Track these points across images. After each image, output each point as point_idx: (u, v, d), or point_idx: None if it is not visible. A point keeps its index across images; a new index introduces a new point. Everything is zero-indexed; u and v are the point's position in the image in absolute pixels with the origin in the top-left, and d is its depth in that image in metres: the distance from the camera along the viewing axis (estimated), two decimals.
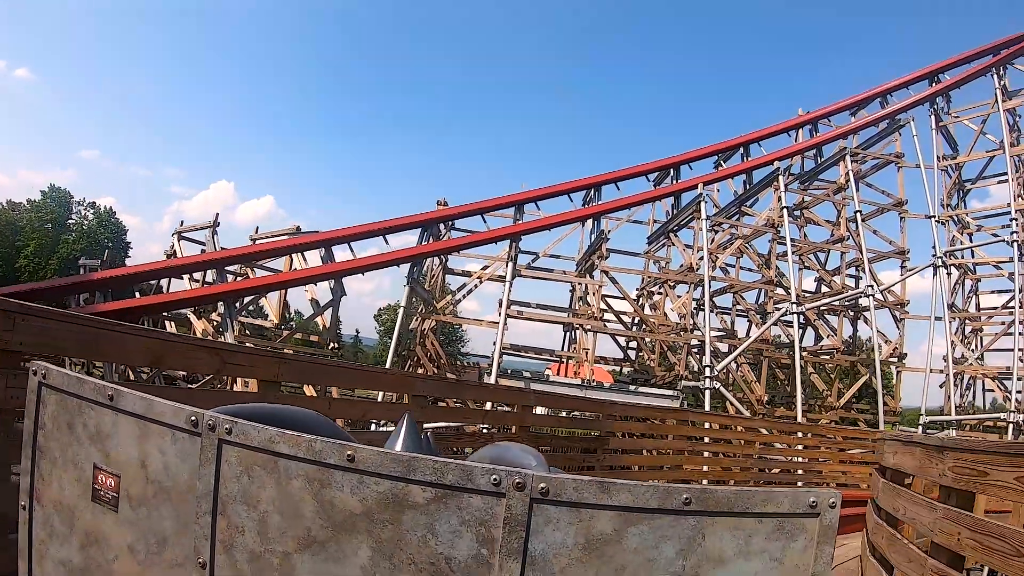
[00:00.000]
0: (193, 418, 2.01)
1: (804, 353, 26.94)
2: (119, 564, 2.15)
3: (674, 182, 28.36)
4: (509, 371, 29.53)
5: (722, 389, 25.80)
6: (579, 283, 28.15)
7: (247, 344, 22.61)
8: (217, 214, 29.71)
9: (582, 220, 27.72)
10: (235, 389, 14.26)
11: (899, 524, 4.39)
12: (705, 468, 13.46)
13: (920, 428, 26.01)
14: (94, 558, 2.20)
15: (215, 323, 25.53)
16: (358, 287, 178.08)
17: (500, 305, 26.96)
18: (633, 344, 30.18)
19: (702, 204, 25.81)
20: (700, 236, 26.14)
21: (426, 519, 1.81)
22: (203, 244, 30.28)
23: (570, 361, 29.09)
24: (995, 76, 29.34)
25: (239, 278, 27.02)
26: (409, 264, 27.58)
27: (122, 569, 2.15)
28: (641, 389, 28.45)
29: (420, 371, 29.09)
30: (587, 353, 27.45)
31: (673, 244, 27.75)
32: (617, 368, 32.53)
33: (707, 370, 25.50)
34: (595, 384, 28.64)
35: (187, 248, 29.13)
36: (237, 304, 25.46)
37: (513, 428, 8.69)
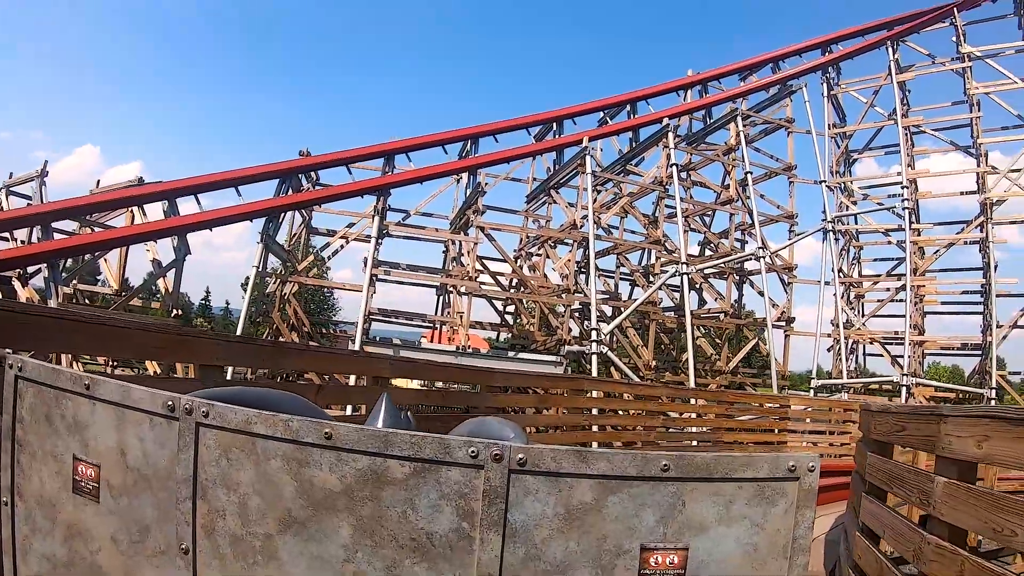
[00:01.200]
0: (170, 403, 2.02)
1: (694, 317, 25.77)
2: (103, 555, 2.16)
3: (557, 137, 26.85)
4: (377, 339, 27.31)
5: (610, 354, 24.22)
6: (453, 240, 26.24)
7: None
8: (46, 161, 26.61)
9: (457, 173, 26.03)
10: None
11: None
12: (595, 445, 11.67)
13: (811, 392, 25.88)
14: (78, 551, 2.21)
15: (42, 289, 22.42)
16: (229, 257, 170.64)
17: (365, 264, 24.73)
18: (511, 309, 28.42)
19: (587, 157, 24.52)
20: (584, 193, 24.62)
21: (405, 494, 1.82)
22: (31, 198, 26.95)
23: (444, 327, 27.07)
24: (889, 50, 29.83)
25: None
26: (264, 219, 25.01)
27: (106, 560, 2.16)
28: (521, 355, 26.78)
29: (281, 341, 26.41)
30: (461, 317, 25.47)
31: (554, 202, 26.30)
32: (494, 334, 30.68)
33: (594, 333, 23.81)
34: (471, 351, 26.69)
35: (16, 204, 25.79)
36: (77, 265, 22.62)
37: (362, 409, 6.37)
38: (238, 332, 24.60)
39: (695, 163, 28.85)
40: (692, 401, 16.44)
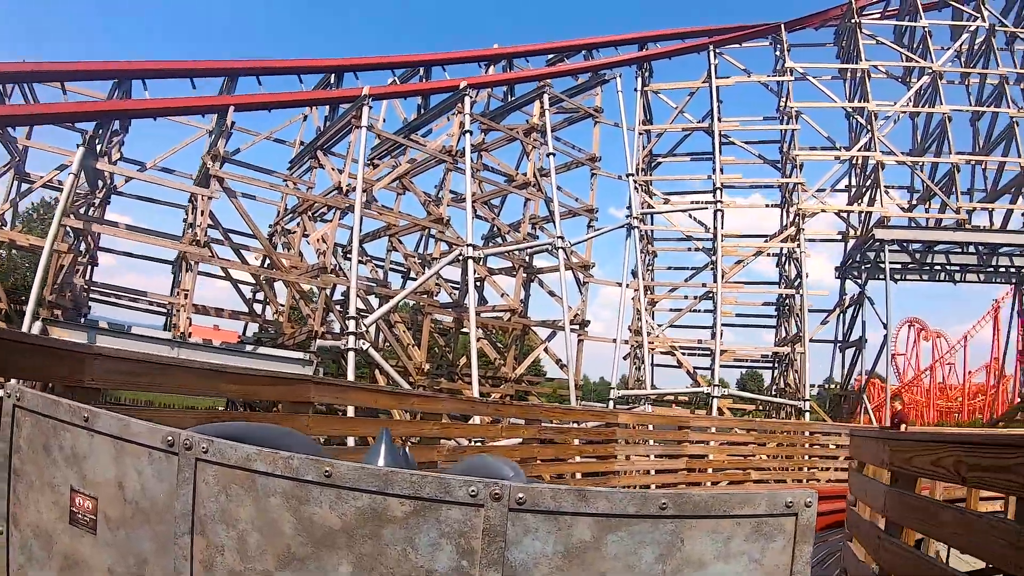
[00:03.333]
0: (169, 438, 2.11)
1: (476, 315, 22.87)
2: None
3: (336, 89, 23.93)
4: (83, 320, 22.59)
5: (372, 351, 20.72)
6: (193, 204, 22.14)
7: None
8: None
9: (203, 112, 22.57)
10: None
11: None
12: None
13: (611, 403, 24.57)
14: None
15: None
16: None
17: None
18: (261, 296, 24.49)
19: (364, 110, 21.41)
20: (356, 151, 21.42)
21: (405, 533, 1.93)
22: None
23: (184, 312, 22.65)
24: (711, 54, 30.27)
25: None
26: None
27: None
28: (263, 350, 22.77)
29: None
30: (186, 296, 21.23)
31: (320, 166, 22.91)
32: (243, 325, 26.48)
33: (351, 325, 20.19)
34: (197, 343, 22.44)
35: None
36: None
37: None
38: None
39: (490, 143, 26.77)
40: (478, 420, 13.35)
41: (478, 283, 25.85)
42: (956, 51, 30.43)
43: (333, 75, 25.25)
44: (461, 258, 22.92)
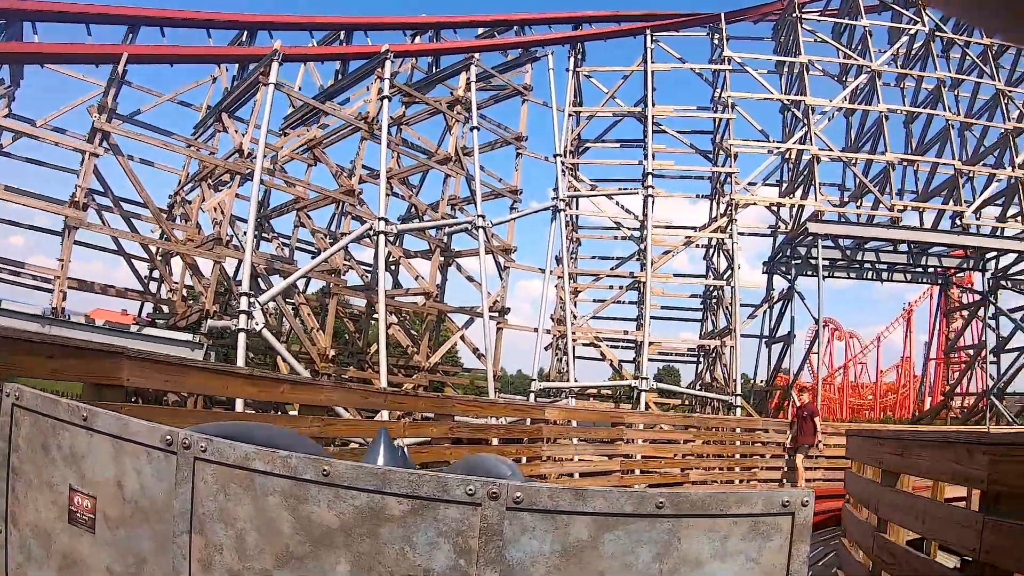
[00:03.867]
0: (168, 437, 2.10)
1: (387, 299, 21.43)
2: None
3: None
4: None
5: (267, 333, 18.99)
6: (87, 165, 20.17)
7: None
8: None
9: (97, 61, 20.64)
10: None
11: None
12: None
13: (531, 396, 23.50)
14: None
15: None
16: None
17: None
18: (158, 274, 22.71)
19: (274, 66, 19.84)
20: (261, 112, 19.75)
21: (403, 531, 1.91)
22: None
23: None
24: (647, 39, 29.84)
25: None
26: None
27: None
28: (149, 331, 21.02)
29: None
30: (62, 266, 19.44)
31: (225, 129, 21.21)
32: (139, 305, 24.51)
33: (244, 302, 18.46)
34: (79, 321, 20.57)
35: None
36: None
37: None
38: None
39: (411, 116, 25.54)
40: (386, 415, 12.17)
41: (392, 265, 24.49)
42: (894, 54, 30.58)
43: (246, 33, 23.68)
44: (372, 233, 21.46)
